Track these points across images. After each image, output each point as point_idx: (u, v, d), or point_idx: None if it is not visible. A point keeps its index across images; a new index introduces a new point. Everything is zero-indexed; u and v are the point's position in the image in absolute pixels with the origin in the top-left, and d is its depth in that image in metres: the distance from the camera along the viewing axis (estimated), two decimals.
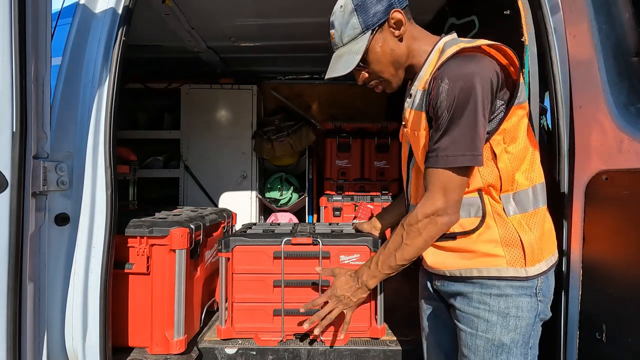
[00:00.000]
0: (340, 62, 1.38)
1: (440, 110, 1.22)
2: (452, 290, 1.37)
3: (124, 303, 1.93)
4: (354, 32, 1.35)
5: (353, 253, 1.97)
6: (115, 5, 1.76)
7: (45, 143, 1.49)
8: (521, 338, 1.28)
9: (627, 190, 1.32)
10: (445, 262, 1.34)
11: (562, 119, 1.63)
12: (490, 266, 1.28)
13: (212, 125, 4.48)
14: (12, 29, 1.27)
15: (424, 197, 1.29)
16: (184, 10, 2.90)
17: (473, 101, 1.18)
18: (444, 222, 1.28)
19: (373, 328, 2.02)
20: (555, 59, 1.66)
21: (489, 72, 1.20)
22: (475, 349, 1.31)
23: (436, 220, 1.27)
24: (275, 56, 4.07)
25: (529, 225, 1.29)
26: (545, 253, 1.31)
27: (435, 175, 1.25)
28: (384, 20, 1.33)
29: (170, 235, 1.91)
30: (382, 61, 1.37)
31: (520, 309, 1.28)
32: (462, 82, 1.18)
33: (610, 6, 1.41)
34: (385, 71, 1.39)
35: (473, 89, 1.18)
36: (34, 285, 1.48)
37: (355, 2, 1.33)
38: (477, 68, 1.20)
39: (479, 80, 1.18)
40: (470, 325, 1.31)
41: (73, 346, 1.66)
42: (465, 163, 1.21)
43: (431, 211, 1.27)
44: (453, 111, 1.19)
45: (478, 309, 1.30)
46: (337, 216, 3.80)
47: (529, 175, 1.31)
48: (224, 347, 1.97)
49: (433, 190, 1.26)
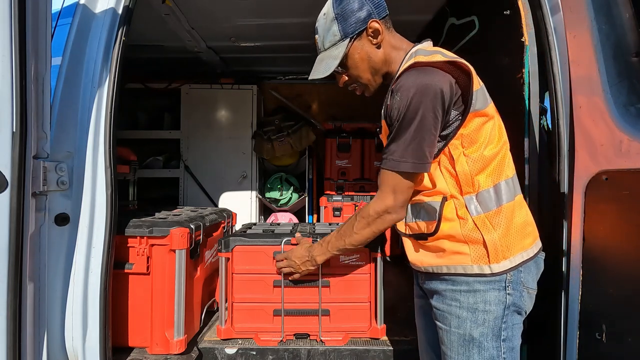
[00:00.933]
0: (321, 66, 1.47)
1: (392, 119, 1.32)
2: (430, 288, 1.43)
3: (124, 303, 1.93)
4: (334, 39, 1.44)
5: (353, 253, 1.98)
6: (115, 5, 1.76)
7: (45, 143, 1.49)
8: (490, 331, 1.32)
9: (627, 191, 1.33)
10: (422, 260, 1.43)
11: (562, 119, 1.63)
12: (457, 263, 1.34)
13: (212, 125, 4.48)
14: (12, 29, 1.27)
15: (377, 195, 1.41)
16: (184, 10, 2.90)
17: (421, 112, 1.26)
18: (392, 219, 1.41)
19: (373, 328, 2.02)
20: (555, 59, 1.66)
21: (439, 85, 1.27)
22: (450, 344, 1.36)
23: (385, 217, 1.41)
24: (275, 56, 4.07)
25: (493, 224, 1.32)
26: (513, 250, 1.33)
27: (386, 176, 1.36)
28: (363, 29, 1.41)
29: (170, 235, 1.91)
30: (360, 67, 1.46)
31: (488, 302, 1.32)
32: (412, 94, 1.26)
33: (610, 6, 1.41)
34: (363, 76, 1.48)
35: (421, 102, 1.26)
36: (34, 285, 1.48)
37: (336, 11, 1.42)
38: (429, 81, 1.27)
39: (428, 93, 1.26)
40: (444, 322, 1.37)
41: (73, 346, 1.66)
42: (408, 169, 1.31)
43: (381, 209, 1.39)
44: (401, 120, 1.29)
45: (450, 306, 1.35)
46: (337, 216, 3.80)
47: (493, 176, 1.35)
48: (224, 347, 1.98)
49: (384, 190, 1.38)
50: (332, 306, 2.00)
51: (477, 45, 2.48)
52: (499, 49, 2.13)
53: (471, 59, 1.42)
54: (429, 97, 1.26)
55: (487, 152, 1.33)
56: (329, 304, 2.00)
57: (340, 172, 4.47)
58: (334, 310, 2.00)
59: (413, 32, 3.32)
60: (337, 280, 1.99)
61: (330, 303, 2.00)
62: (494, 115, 1.38)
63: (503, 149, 1.38)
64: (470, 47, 2.56)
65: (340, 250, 1.59)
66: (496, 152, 1.35)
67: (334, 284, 1.99)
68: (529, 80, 1.82)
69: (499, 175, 1.35)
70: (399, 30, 1.50)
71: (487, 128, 1.34)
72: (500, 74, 2.01)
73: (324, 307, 2.00)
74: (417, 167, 1.31)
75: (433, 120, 1.28)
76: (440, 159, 1.35)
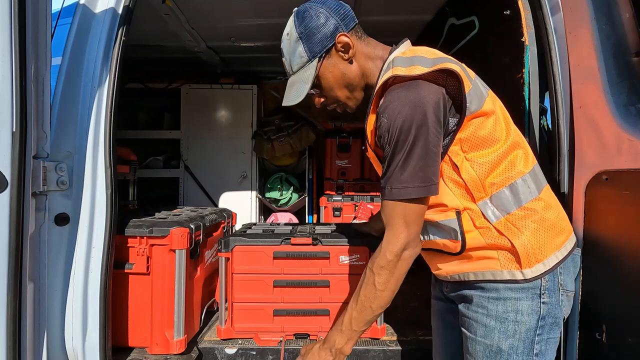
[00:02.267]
0: (292, 91, 1.35)
1: (383, 143, 1.20)
2: (457, 295, 1.34)
3: (124, 303, 1.93)
4: (301, 61, 1.32)
5: (353, 253, 1.98)
6: (115, 5, 1.76)
7: (45, 143, 1.49)
8: (521, 344, 1.21)
9: (627, 191, 1.32)
10: (447, 268, 1.33)
11: (562, 119, 1.63)
12: (485, 269, 1.24)
13: (212, 125, 4.49)
14: (12, 29, 1.27)
15: (387, 234, 1.22)
16: (184, 10, 2.90)
17: (414, 131, 1.14)
18: (411, 255, 1.22)
19: (373, 328, 2.02)
20: (555, 59, 1.66)
21: (429, 99, 1.16)
22: (475, 353, 1.27)
23: (404, 256, 1.21)
24: (275, 56, 4.02)
25: (518, 226, 1.21)
26: (545, 251, 1.22)
27: (393, 209, 1.20)
28: (331, 45, 1.29)
29: (170, 235, 1.91)
30: (334, 86, 1.34)
31: (520, 313, 1.21)
32: (402, 115, 1.14)
33: (610, 6, 1.41)
34: (340, 95, 1.36)
35: (413, 120, 1.14)
36: (34, 285, 1.48)
37: (299, 30, 1.30)
38: (416, 97, 1.15)
39: (419, 110, 1.14)
40: (470, 329, 1.28)
41: (73, 346, 1.66)
42: (415, 194, 1.17)
43: (398, 248, 1.20)
44: (395, 144, 1.16)
45: (476, 313, 1.26)
46: (337, 216, 3.80)
47: (505, 174, 1.23)
48: (224, 347, 1.97)
49: (394, 225, 1.21)
50: (332, 306, 2.00)
51: (477, 46, 2.48)
52: (499, 49, 2.13)
53: (471, 59, 1.42)
54: (420, 115, 1.14)
55: (493, 151, 1.22)
56: (329, 304, 2.00)
57: (340, 172, 4.48)
58: (334, 310, 2.00)
59: (413, 32, 3.31)
60: (337, 280, 1.99)
61: (330, 303, 2.00)
62: (494, 111, 1.25)
63: (513, 144, 1.25)
64: (470, 48, 2.56)
65: (369, 322, 1.28)
66: (505, 149, 1.23)
67: (334, 284, 1.99)
68: (529, 80, 1.82)
69: (512, 173, 1.23)
70: (399, 30, 1.48)
71: (487, 126, 1.22)
72: (500, 74, 2.01)
73: (324, 307, 2.00)
74: (424, 191, 1.17)
75: (431, 137, 1.15)
76: (443, 169, 1.23)
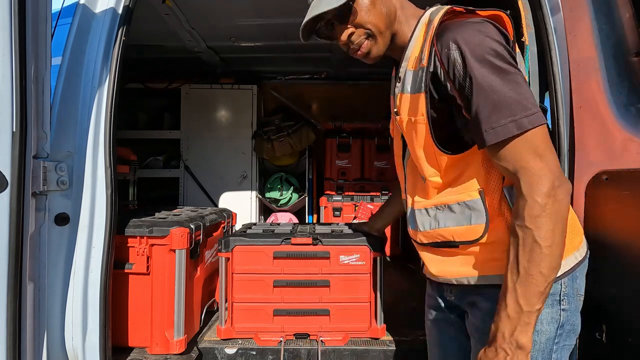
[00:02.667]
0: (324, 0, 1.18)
1: (461, 79, 1.03)
2: (464, 302, 1.22)
3: (124, 303, 1.93)
4: None
5: (353, 253, 1.98)
6: (115, 5, 1.76)
7: (45, 143, 1.49)
8: (540, 355, 1.09)
9: (627, 191, 1.32)
10: (451, 270, 1.19)
11: (562, 119, 1.63)
12: (500, 272, 1.07)
13: (212, 125, 4.49)
14: (12, 29, 1.27)
15: (523, 180, 0.99)
16: (184, 10, 2.90)
17: (495, 51, 1.00)
18: (565, 192, 0.98)
19: (373, 328, 2.02)
20: (555, 59, 1.66)
21: (495, 29, 1.05)
22: None
23: (557, 194, 0.97)
24: (275, 56, 4.07)
25: None
26: (570, 246, 1.09)
27: (513, 150, 0.99)
28: None
29: (170, 235, 1.91)
30: (372, 10, 1.18)
31: (540, 322, 1.07)
32: (474, 37, 1.02)
33: (610, 6, 1.41)
34: (378, 22, 1.18)
35: (488, 39, 1.01)
36: (34, 285, 1.48)
37: None
38: (482, 26, 1.04)
39: (490, 32, 1.03)
40: (481, 340, 1.11)
41: (73, 346, 1.66)
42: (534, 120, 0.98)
43: (548, 187, 0.97)
44: (481, 71, 1.00)
45: (486, 323, 1.07)
46: (337, 216, 3.80)
47: None
48: (224, 347, 1.97)
49: (526, 165, 0.98)
50: (332, 306, 2.00)
51: None
52: None
53: None
54: (494, 37, 1.01)
55: None
56: (329, 304, 2.00)
57: (340, 172, 4.48)
58: (334, 310, 2.00)
59: None
60: (337, 280, 1.99)
61: (330, 303, 2.00)
62: None
63: None
64: None
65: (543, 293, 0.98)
66: None
67: (334, 283, 1.99)
68: (529, 80, 1.82)
69: None
70: None
71: None
72: None
73: (324, 307, 2.00)
74: (539, 115, 0.99)
75: (510, 56, 1.01)
76: None
